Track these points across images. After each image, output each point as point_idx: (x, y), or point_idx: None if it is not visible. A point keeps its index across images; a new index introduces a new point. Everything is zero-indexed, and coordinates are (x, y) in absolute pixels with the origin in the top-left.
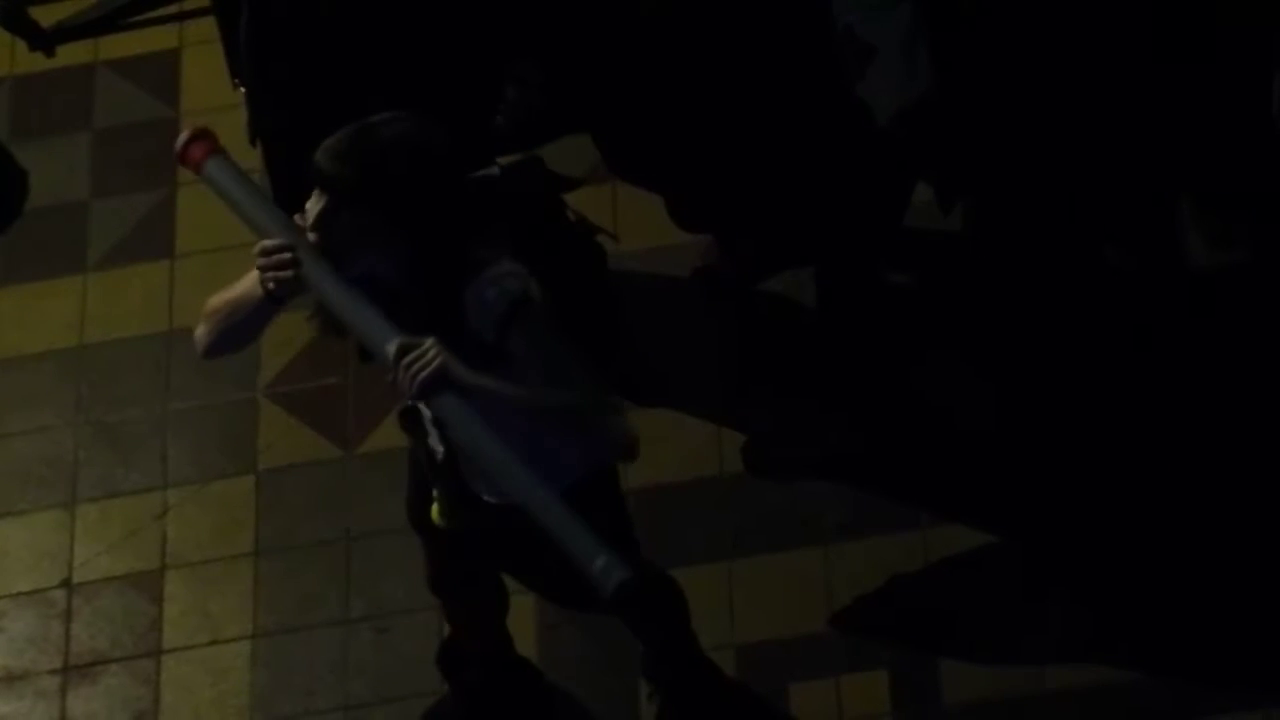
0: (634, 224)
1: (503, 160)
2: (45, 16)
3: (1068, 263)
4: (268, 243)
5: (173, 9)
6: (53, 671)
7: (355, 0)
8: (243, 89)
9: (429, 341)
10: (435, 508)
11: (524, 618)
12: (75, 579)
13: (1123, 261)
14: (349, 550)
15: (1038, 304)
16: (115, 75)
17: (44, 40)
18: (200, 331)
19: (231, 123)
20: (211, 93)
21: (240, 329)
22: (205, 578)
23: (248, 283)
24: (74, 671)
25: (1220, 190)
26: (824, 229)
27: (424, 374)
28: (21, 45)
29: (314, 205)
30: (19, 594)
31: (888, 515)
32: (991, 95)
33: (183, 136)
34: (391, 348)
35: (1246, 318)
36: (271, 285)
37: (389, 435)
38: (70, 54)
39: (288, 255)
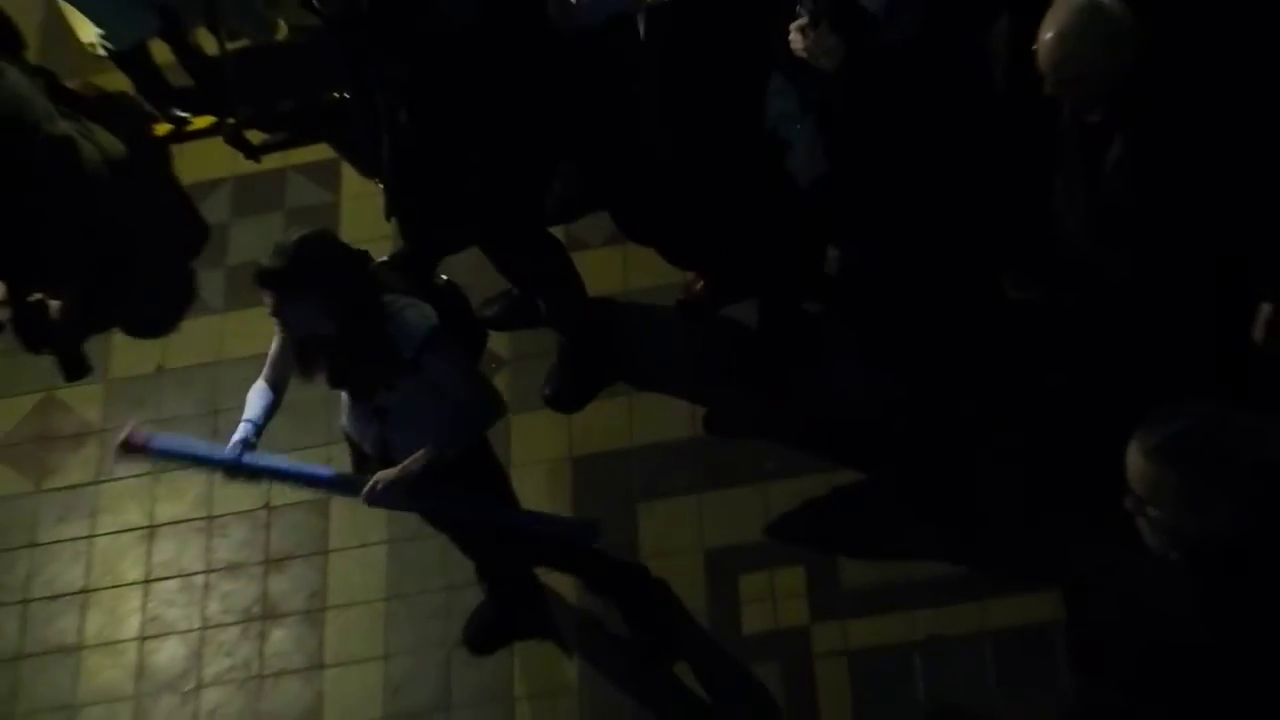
0: (638, 271)
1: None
2: (254, 136)
3: (964, 293)
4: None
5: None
6: (259, 563)
7: (465, 130)
8: (380, 184)
9: (372, 478)
10: None
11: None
12: (273, 503)
13: (1016, 289)
14: None
15: (938, 323)
16: (298, 174)
17: (253, 152)
18: None
19: (374, 205)
20: (360, 184)
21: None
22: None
23: None
24: (271, 564)
25: (1031, 265)
26: (767, 273)
27: (385, 492)
28: (239, 155)
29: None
30: (239, 512)
31: (807, 462)
32: (869, 179)
33: (122, 437)
34: (363, 495)
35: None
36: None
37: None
38: (270, 161)
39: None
